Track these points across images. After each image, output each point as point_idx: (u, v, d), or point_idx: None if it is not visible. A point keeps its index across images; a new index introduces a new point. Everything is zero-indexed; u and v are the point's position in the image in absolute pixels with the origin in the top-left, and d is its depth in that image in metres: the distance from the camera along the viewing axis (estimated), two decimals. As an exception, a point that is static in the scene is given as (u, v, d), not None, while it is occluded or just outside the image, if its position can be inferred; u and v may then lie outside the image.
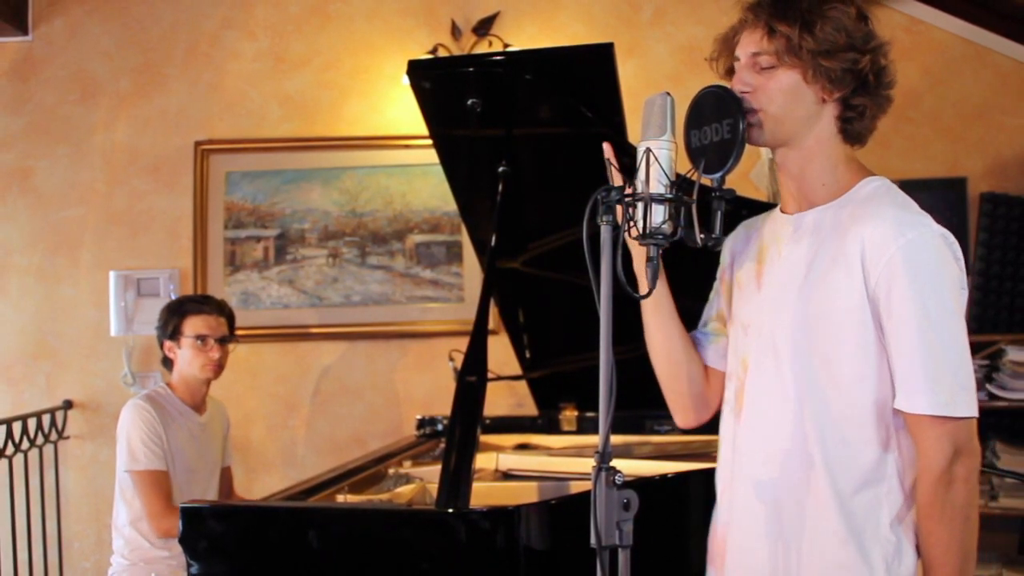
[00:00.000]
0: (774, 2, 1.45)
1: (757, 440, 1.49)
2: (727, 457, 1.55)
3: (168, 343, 2.81)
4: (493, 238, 2.44)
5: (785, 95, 1.44)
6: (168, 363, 2.85)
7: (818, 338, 1.42)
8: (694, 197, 1.37)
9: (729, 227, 1.55)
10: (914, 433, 1.39)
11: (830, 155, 1.49)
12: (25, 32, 3.90)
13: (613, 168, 1.54)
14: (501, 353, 3.28)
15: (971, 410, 1.36)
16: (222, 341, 2.82)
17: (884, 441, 1.41)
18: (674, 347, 1.63)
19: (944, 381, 1.35)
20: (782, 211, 1.56)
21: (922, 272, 1.36)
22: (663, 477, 2.26)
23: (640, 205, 1.35)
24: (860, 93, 1.45)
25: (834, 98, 1.46)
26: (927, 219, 1.41)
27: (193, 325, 2.78)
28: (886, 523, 1.40)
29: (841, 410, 1.41)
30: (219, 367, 2.83)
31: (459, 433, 2.01)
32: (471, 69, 2.37)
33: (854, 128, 1.48)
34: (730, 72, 1.53)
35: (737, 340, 1.57)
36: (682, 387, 1.65)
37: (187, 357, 2.79)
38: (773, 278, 1.52)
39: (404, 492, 2.38)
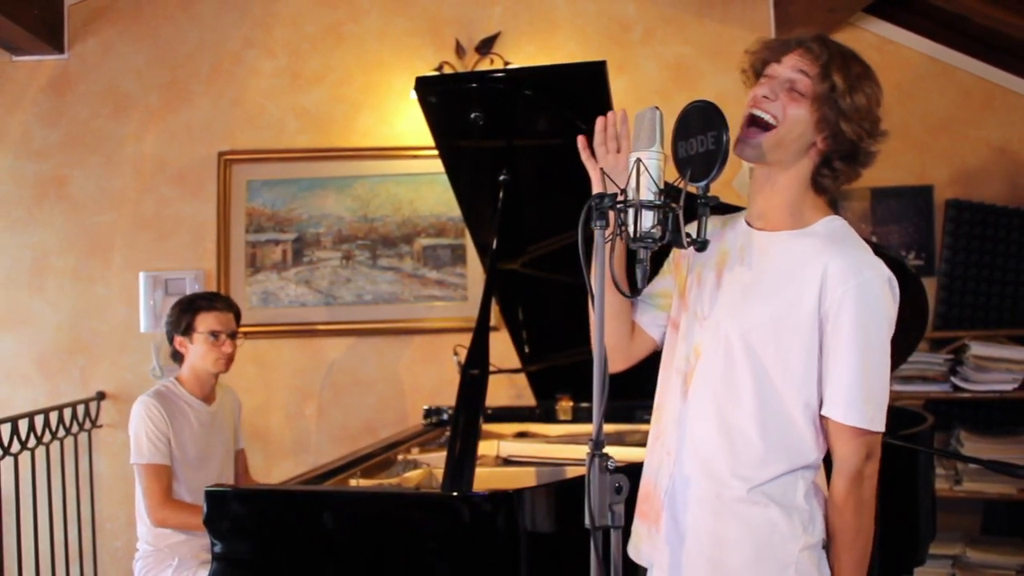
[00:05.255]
0: (841, 52, 1.49)
1: (703, 421, 1.52)
2: (670, 432, 1.57)
3: (180, 338, 2.77)
4: (494, 241, 2.44)
5: (795, 123, 1.47)
6: (179, 357, 2.81)
7: (772, 341, 1.47)
8: (681, 203, 1.38)
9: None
10: (835, 438, 1.48)
11: (799, 192, 1.53)
12: (61, 51, 3.90)
13: (606, 177, 1.54)
14: (502, 348, 3.28)
15: (883, 426, 1.47)
16: (232, 336, 2.79)
17: (814, 436, 1.49)
18: (620, 306, 1.67)
19: (872, 401, 1.45)
20: (747, 222, 1.58)
21: (869, 308, 1.43)
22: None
23: (631, 211, 1.35)
24: (844, 160, 1.50)
25: (820, 150, 1.49)
26: (881, 264, 1.47)
27: (205, 322, 2.75)
28: (801, 496, 1.49)
29: (785, 404, 1.47)
30: (230, 360, 2.80)
31: (463, 422, 2.01)
32: (474, 85, 2.36)
33: (823, 183, 1.53)
34: (756, 75, 1.54)
35: (691, 329, 1.58)
36: (614, 339, 1.68)
37: (200, 352, 2.75)
38: (734, 282, 1.54)
39: (412, 477, 2.38)
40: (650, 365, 1.71)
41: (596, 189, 1.57)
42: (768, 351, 1.47)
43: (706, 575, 1.49)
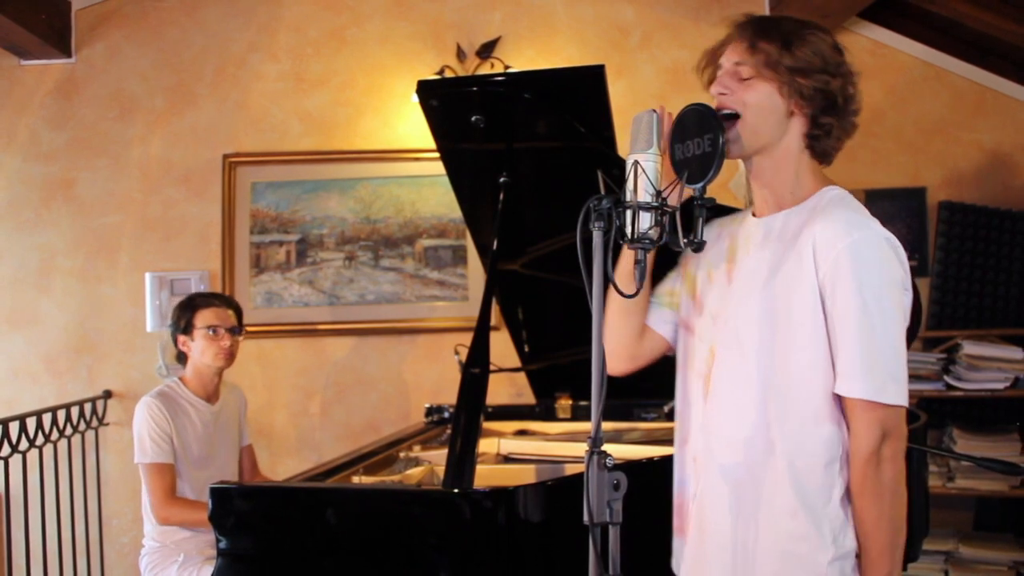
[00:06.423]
0: (760, 21, 1.48)
1: (724, 424, 1.48)
2: (695, 437, 1.54)
3: (182, 337, 2.78)
4: (495, 242, 2.45)
5: (759, 105, 1.45)
6: (183, 358, 2.81)
7: (779, 329, 1.42)
8: (678, 205, 1.38)
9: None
10: (849, 416, 1.39)
11: (796, 166, 1.49)
12: (69, 55, 3.90)
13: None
14: (502, 347, 3.28)
15: (899, 398, 1.36)
16: (232, 331, 2.79)
17: (836, 424, 1.40)
18: (633, 304, 1.61)
19: (877, 370, 1.35)
20: (754, 215, 1.56)
21: (864, 269, 1.35)
22: (650, 460, 2.25)
23: (629, 212, 1.35)
24: (828, 113, 1.46)
25: (803, 113, 1.46)
26: (874, 223, 1.40)
27: (204, 318, 2.76)
28: (836, 500, 1.40)
29: (798, 396, 1.41)
30: (231, 355, 2.79)
31: (464, 420, 2.01)
32: (475, 88, 2.36)
33: (820, 145, 1.48)
34: (712, 82, 1.52)
35: (705, 329, 1.56)
36: (622, 338, 1.65)
37: (200, 347, 2.75)
38: (741, 275, 1.51)
39: (414, 474, 2.38)
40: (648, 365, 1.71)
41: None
42: (780, 340, 1.41)
43: None
